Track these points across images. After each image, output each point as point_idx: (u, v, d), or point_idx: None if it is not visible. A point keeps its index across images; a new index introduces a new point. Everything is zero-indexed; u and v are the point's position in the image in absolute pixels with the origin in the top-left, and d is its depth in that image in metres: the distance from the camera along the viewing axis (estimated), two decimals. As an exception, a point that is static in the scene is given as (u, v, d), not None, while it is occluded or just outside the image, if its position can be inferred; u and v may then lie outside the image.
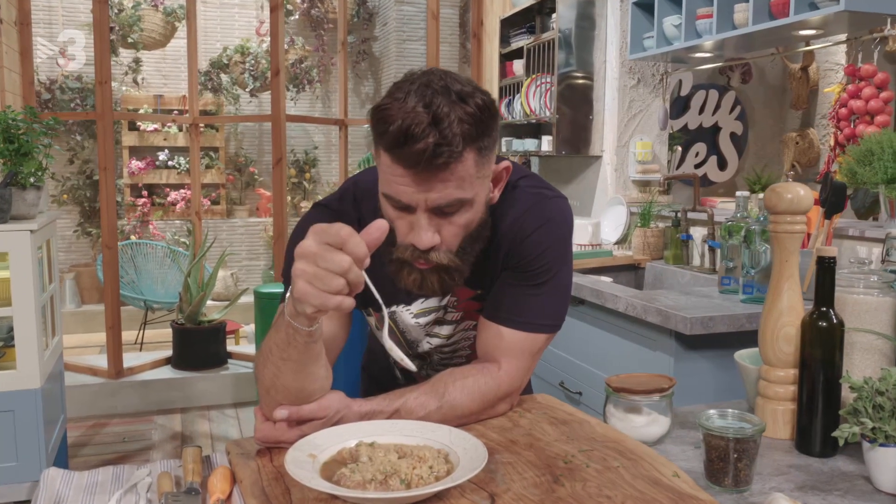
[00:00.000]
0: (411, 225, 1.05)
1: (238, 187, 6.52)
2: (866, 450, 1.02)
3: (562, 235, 1.20)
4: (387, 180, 1.03)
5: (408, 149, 0.96)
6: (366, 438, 0.98)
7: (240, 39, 6.21)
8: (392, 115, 0.97)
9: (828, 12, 2.31)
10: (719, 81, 4.79)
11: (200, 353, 4.24)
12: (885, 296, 1.17)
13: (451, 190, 1.01)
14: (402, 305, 1.26)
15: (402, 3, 6.25)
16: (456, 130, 0.97)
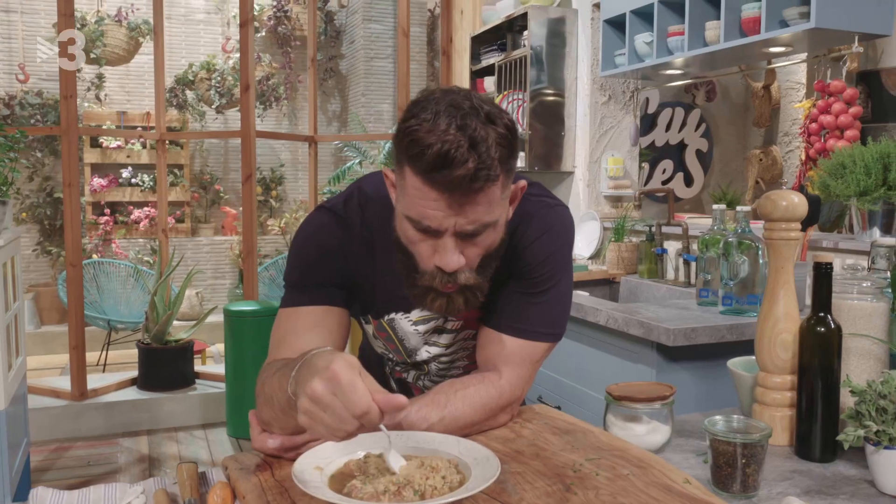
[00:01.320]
0: (434, 248, 1.04)
1: (203, 205, 6.43)
2: (870, 453, 1.03)
3: (563, 244, 1.20)
4: (414, 204, 1.00)
5: (447, 173, 0.94)
6: (373, 450, 0.95)
7: (205, 56, 6.15)
8: (426, 137, 0.95)
9: (798, 29, 2.37)
10: (685, 100, 4.88)
11: (167, 373, 4.15)
12: (879, 301, 1.19)
13: (479, 214, 1.00)
14: (401, 313, 1.25)
15: (370, 21, 6.26)
16: (493, 154, 0.96)
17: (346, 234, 1.20)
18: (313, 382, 0.82)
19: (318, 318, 1.18)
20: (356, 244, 1.20)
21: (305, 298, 1.19)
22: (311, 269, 1.20)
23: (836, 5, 2.30)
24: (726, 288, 2.24)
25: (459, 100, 0.98)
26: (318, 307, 1.19)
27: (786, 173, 4.74)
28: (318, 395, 0.81)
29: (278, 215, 6.47)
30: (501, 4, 3.99)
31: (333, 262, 1.20)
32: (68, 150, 3.80)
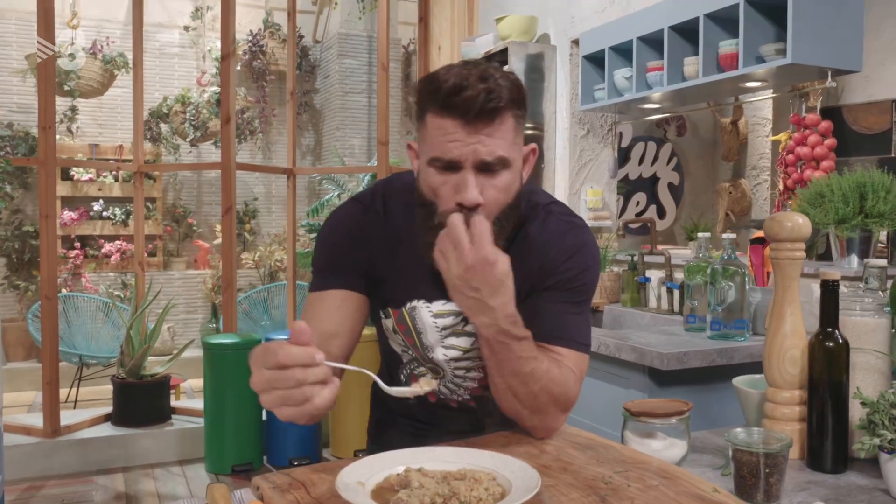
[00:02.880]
0: (456, 187, 1.11)
1: (175, 238, 6.37)
2: (884, 461, 1.07)
3: (593, 260, 1.27)
4: (435, 143, 1.11)
5: (462, 96, 1.06)
6: (413, 465, 0.97)
7: (180, 89, 6.15)
8: (443, 76, 1.09)
9: (774, 65, 2.47)
10: (656, 134, 5.01)
11: (143, 408, 4.07)
12: (881, 317, 1.24)
13: (495, 145, 1.10)
14: (423, 301, 1.27)
15: (345, 56, 6.33)
16: (502, 84, 1.09)
17: (372, 224, 1.27)
18: (251, 380, 0.91)
19: (341, 300, 1.26)
20: (381, 233, 1.27)
21: (328, 283, 1.27)
22: (335, 255, 1.28)
23: (810, 42, 2.41)
24: (714, 313, 2.30)
25: (471, 59, 1.14)
26: (340, 291, 1.26)
27: (754, 205, 4.88)
28: (255, 382, 0.90)
29: (252, 249, 6.43)
30: (480, 40, 4.09)
31: (357, 249, 1.27)
32: (45, 182, 3.76)
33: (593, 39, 3.33)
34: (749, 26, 2.54)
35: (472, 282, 1.05)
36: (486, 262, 1.04)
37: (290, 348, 0.87)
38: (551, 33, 3.85)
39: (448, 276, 1.07)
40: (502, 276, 1.06)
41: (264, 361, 0.89)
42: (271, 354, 0.88)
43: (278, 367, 0.87)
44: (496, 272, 1.05)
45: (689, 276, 2.48)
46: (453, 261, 1.05)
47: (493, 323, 1.08)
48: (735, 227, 4.71)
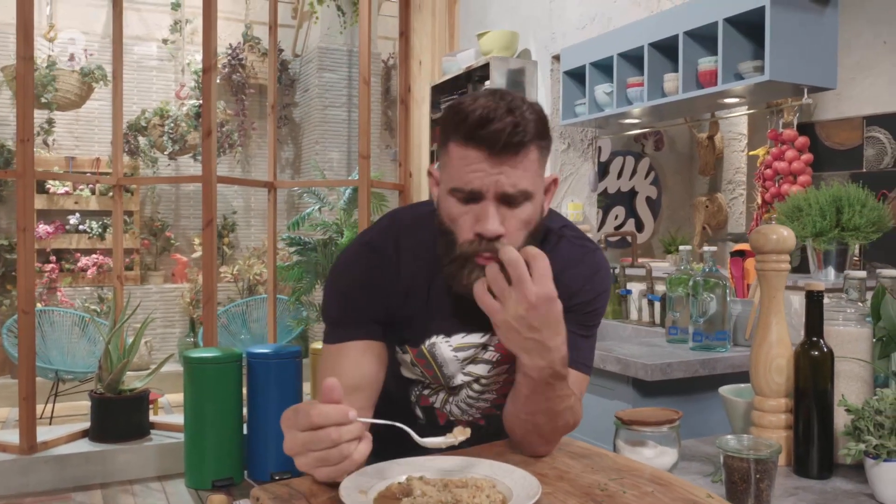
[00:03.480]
0: (477, 217, 1.09)
1: (153, 252, 6.32)
2: (869, 466, 1.10)
3: (608, 284, 1.28)
4: (457, 173, 1.09)
5: (488, 129, 1.05)
6: (414, 473, 0.98)
7: (158, 102, 6.12)
8: (469, 107, 1.07)
9: (753, 82, 2.53)
10: (635, 149, 5.08)
11: (122, 423, 4.02)
12: (863, 327, 1.28)
13: (518, 177, 1.07)
14: (441, 336, 1.26)
15: (324, 70, 6.35)
16: (529, 118, 1.07)
17: (384, 270, 1.23)
18: (285, 444, 0.91)
19: (361, 352, 1.22)
20: (393, 278, 1.23)
21: (347, 334, 1.22)
22: (349, 305, 1.24)
23: (787, 60, 2.47)
24: (696, 325, 2.34)
25: (497, 90, 1.11)
26: (361, 342, 1.22)
27: (731, 219, 4.96)
28: (290, 445, 0.90)
29: (230, 262, 6.40)
30: (462, 55, 4.12)
31: (371, 298, 1.23)
32: (24, 195, 3.72)
33: (574, 55, 3.38)
34: (727, 44, 2.59)
35: (534, 322, 1.00)
36: (549, 300, 1.00)
37: (323, 408, 0.86)
38: (532, 49, 3.90)
39: (501, 318, 1.01)
40: (560, 314, 1.03)
41: (297, 423, 0.88)
42: (304, 416, 0.87)
43: (312, 429, 0.86)
44: (558, 308, 1.01)
45: (670, 288, 2.52)
46: (512, 300, 0.99)
47: (549, 366, 1.05)
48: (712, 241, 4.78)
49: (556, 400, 1.11)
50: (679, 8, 2.84)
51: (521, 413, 1.14)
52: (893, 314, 1.29)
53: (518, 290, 0.99)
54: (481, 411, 1.36)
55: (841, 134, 3.56)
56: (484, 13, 4.43)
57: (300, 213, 5.64)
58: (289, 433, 0.89)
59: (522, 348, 1.04)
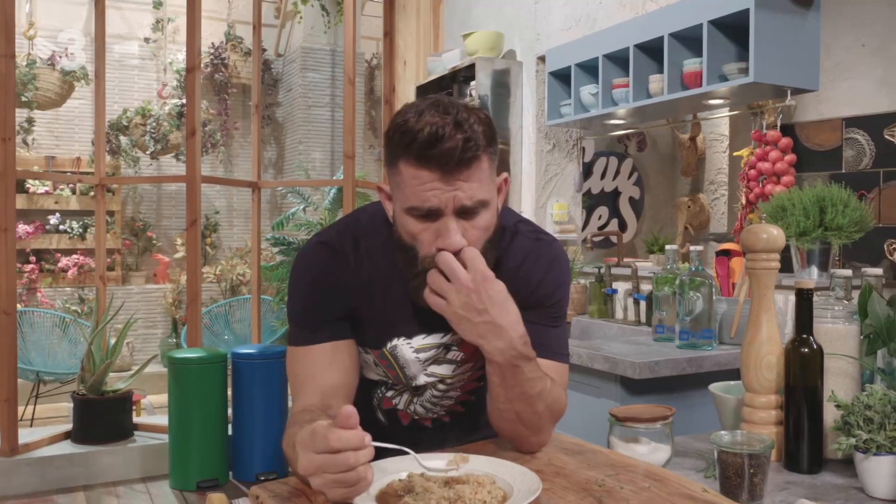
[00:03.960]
0: (437, 233, 1.10)
1: (134, 252, 6.27)
2: (859, 460, 1.12)
3: (567, 274, 1.29)
4: (413, 192, 1.08)
5: (439, 148, 1.05)
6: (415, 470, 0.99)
7: (140, 101, 6.07)
8: (415, 126, 1.06)
9: (737, 83, 2.56)
10: (618, 149, 5.11)
11: (105, 425, 3.98)
12: (850, 324, 1.30)
13: (474, 189, 1.09)
14: (402, 339, 1.27)
15: (307, 70, 6.33)
16: (477, 130, 1.08)
17: (342, 268, 1.23)
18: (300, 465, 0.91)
19: (331, 355, 1.23)
20: (353, 278, 1.24)
21: (314, 337, 1.23)
22: (312, 306, 1.24)
23: (771, 62, 2.50)
24: (682, 323, 2.36)
25: (438, 99, 1.11)
26: (328, 344, 1.23)
27: (713, 219, 5.01)
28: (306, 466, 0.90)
29: (213, 263, 6.36)
30: (447, 55, 4.14)
31: (333, 297, 1.23)
32: (5, 194, 3.68)
33: (559, 56, 3.40)
34: (712, 46, 2.62)
35: (478, 304, 1.05)
36: (485, 280, 1.05)
37: (342, 433, 0.87)
38: (517, 50, 3.92)
39: (451, 312, 1.06)
40: (504, 292, 1.07)
41: (313, 446, 0.89)
42: (321, 439, 0.88)
43: (330, 452, 0.87)
44: (499, 287, 1.06)
45: (657, 287, 2.55)
46: (452, 292, 1.05)
47: (509, 346, 1.08)
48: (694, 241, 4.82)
49: (527, 383, 1.13)
50: (664, 10, 2.87)
51: (500, 404, 1.16)
52: (880, 311, 1.31)
53: (454, 280, 1.05)
54: (446, 408, 1.37)
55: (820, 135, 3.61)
56: (468, 14, 4.44)
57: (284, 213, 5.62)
58: (305, 455, 0.90)
59: (478, 335, 1.08)
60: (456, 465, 1.01)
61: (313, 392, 1.19)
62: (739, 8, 2.50)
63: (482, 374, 1.36)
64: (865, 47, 3.31)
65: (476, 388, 1.38)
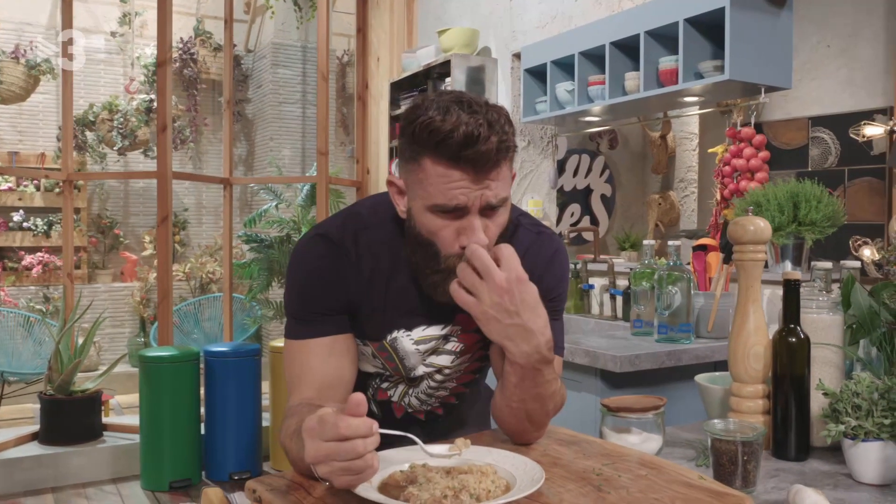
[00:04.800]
0: (458, 231, 1.10)
1: (101, 250, 6.15)
2: (848, 447, 1.15)
3: (568, 267, 1.30)
4: (440, 190, 1.07)
5: (475, 149, 1.04)
6: (417, 461, 0.98)
7: (107, 96, 5.96)
8: (445, 125, 1.04)
9: (713, 81, 2.60)
10: (590, 147, 5.16)
11: (73, 425, 3.91)
12: (835, 314, 1.33)
13: (500, 188, 1.09)
14: (402, 330, 1.27)
15: (278, 66, 6.27)
16: (508, 130, 1.08)
17: (342, 262, 1.22)
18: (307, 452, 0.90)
19: (328, 348, 1.22)
20: (352, 271, 1.22)
21: (311, 331, 1.22)
22: (311, 299, 1.22)
23: (746, 60, 2.54)
24: (661, 317, 2.39)
25: (458, 95, 1.09)
26: (326, 338, 1.22)
27: (682, 216, 5.08)
28: (314, 454, 0.89)
29: (182, 261, 6.27)
30: (422, 52, 4.13)
31: (332, 291, 1.22)
32: (-31, 190, 3.59)
33: (535, 53, 3.41)
34: (688, 44, 2.66)
35: (510, 306, 1.03)
36: (520, 281, 1.03)
37: (351, 421, 0.86)
38: (492, 47, 3.93)
39: (480, 310, 1.04)
40: (536, 295, 1.05)
41: (321, 434, 0.88)
42: (330, 427, 0.87)
43: (339, 440, 0.86)
44: (531, 290, 1.04)
45: (635, 282, 2.57)
46: (484, 291, 1.02)
47: (535, 350, 1.07)
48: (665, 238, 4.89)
49: (544, 385, 1.13)
50: (640, 8, 2.90)
51: (513, 402, 1.15)
52: (862, 302, 1.34)
53: (488, 279, 1.02)
54: (440, 400, 1.38)
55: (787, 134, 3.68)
56: (443, 10, 4.44)
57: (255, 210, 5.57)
58: (312, 443, 0.89)
59: (506, 336, 1.06)
60: (458, 450, 1.01)
61: (310, 386, 1.18)
62: (715, 6, 2.53)
63: (479, 365, 1.37)
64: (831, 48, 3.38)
65: (471, 379, 1.39)
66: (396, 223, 1.23)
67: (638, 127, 5.07)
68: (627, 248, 4.72)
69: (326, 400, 1.16)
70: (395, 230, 1.23)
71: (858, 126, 3.02)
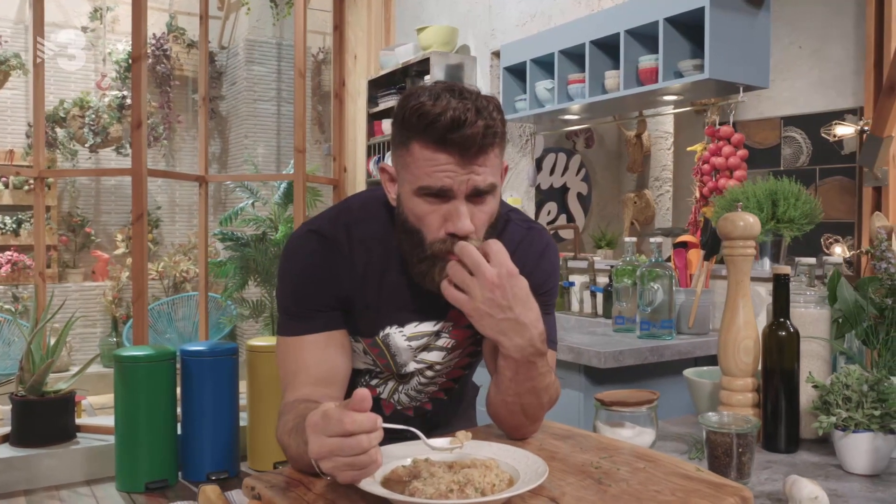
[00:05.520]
0: (445, 216, 1.10)
1: (72, 249, 6.05)
2: (838, 438, 1.17)
3: (558, 261, 1.30)
4: (426, 173, 1.08)
5: (461, 133, 1.05)
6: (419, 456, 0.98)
7: (78, 93, 5.86)
8: (435, 109, 1.05)
9: (692, 80, 2.62)
10: (566, 146, 5.18)
11: (46, 427, 3.84)
12: (822, 308, 1.35)
13: (488, 174, 1.09)
14: (395, 326, 1.26)
15: (252, 63, 6.22)
16: (496, 117, 1.09)
17: (335, 258, 1.21)
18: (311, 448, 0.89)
19: (324, 344, 1.21)
20: (345, 266, 1.22)
21: (305, 327, 1.21)
22: (304, 296, 1.22)
23: (725, 59, 2.57)
24: (643, 314, 2.41)
25: (451, 84, 1.11)
26: (321, 335, 1.21)
27: (658, 215, 5.13)
28: (318, 450, 0.88)
29: (155, 259, 6.19)
30: (400, 49, 4.12)
31: (326, 286, 1.21)
32: (-62, 187, 3.51)
33: (514, 51, 3.42)
34: (668, 43, 2.68)
35: (502, 301, 1.02)
36: (511, 276, 1.03)
37: (356, 416, 0.85)
38: (471, 45, 3.94)
39: (472, 307, 1.03)
40: (528, 288, 1.05)
41: (325, 429, 0.87)
42: (335, 422, 0.86)
43: (344, 435, 0.86)
44: (523, 284, 1.04)
45: (617, 279, 2.59)
46: (476, 287, 1.02)
47: (529, 343, 1.06)
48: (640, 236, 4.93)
49: (539, 378, 1.13)
50: (620, 7, 2.92)
51: (508, 397, 1.15)
52: (848, 296, 1.37)
53: (479, 275, 1.02)
54: (429, 396, 1.38)
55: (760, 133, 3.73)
56: (421, 8, 4.43)
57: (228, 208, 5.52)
58: (316, 438, 0.88)
59: (499, 331, 1.06)
60: (460, 443, 1.00)
61: (306, 382, 1.17)
62: (695, 6, 2.56)
63: (469, 361, 1.37)
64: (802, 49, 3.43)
65: (460, 375, 1.39)
66: (388, 218, 1.22)
67: (614, 126, 5.11)
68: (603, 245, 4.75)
69: (323, 396, 1.16)
70: (388, 225, 1.22)
71: (830, 126, 3.07)
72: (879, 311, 1.34)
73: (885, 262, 1.32)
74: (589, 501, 0.93)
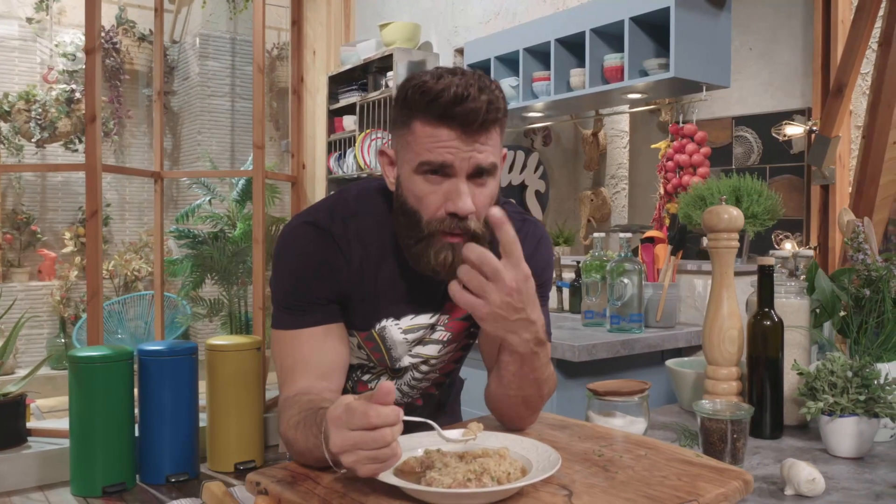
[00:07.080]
0: (446, 195, 1.09)
1: (16, 248, 5.85)
2: (824, 423, 1.21)
3: (552, 252, 1.31)
4: (428, 150, 1.07)
5: (464, 107, 1.04)
6: (431, 447, 0.98)
7: (22, 86, 5.67)
8: (437, 86, 1.05)
9: (657, 78, 2.68)
10: (524, 144, 5.23)
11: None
12: (802, 299, 1.40)
13: (489, 152, 1.09)
14: (391, 319, 1.26)
15: (206, 58, 6.11)
16: (498, 95, 1.09)
17: (331, 250, 1.20)
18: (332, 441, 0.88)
19: (321, 337, 1.19)
20: (342, 259, 1.20)
21: (302, 321, 1.19)
22: (301, 289, 1.20)
23: (690, 58, 2.64)
24: (612, 308, 2.45)
25: (453, 68, 1.10)
26: (318, 328, 1.19)
27: (614, 212, 5.21)
28: (340, 443, 0.87)
29: (105, 258, 6.03)
30: (362, 45, 4.10)
31: (322, 279, 1.20)
32: None
33: (478, 49, 3.44)
34: (633, 42, 2.73)
35: (518, 304, 1.00)
36: (527, 279, 1.01)
37: (381, 409, 0.85)
38: (434, 42, 3.94)
39: (487, 311, 0.99)
40: (533, 284, 1.04)
41: (348, 423, 0.86)
42: (359, 416, 0.85)
43: (368, 428, 0.85)
44: (532, 284, 1.03)
45: (586, 273, 2.63)
46: (493, 291, 0.98)
47: (534, 336, 1.06)
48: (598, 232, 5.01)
49: (541, 369, 1.14)
50: (585, 6, 2.96)
51: (511, 390, 1.16)
52: (825, 287, 1.42)
53: (497, 281, 0.98)
54: (421, 391, 1.38)
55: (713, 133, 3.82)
56: (382, 4, 4.41)
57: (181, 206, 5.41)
58: (339, 432, 0.87)
59: (510, 330, 1.04)
60: (473, 435, 1.01)
61: (305, 376, 1.16)
62: (660, 6, 2.61)
63: (461, 354, 1.38)
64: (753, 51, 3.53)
65: (452, 369, 1.39)
66: (384, 210, 1.22)
67: (571, 124, 5.18)
68: (561, 242, 4.81)
69: (322, 389, 1.15)
70: (383, 217, 1.21)
71: (779, 126, 3.16)
72: (856, 301, 1.39)
73: (862, 253, 1.38)
74: (601, 488, 0.94)
